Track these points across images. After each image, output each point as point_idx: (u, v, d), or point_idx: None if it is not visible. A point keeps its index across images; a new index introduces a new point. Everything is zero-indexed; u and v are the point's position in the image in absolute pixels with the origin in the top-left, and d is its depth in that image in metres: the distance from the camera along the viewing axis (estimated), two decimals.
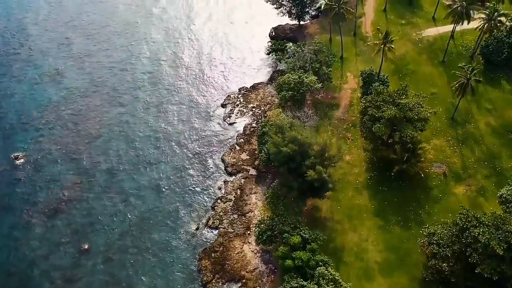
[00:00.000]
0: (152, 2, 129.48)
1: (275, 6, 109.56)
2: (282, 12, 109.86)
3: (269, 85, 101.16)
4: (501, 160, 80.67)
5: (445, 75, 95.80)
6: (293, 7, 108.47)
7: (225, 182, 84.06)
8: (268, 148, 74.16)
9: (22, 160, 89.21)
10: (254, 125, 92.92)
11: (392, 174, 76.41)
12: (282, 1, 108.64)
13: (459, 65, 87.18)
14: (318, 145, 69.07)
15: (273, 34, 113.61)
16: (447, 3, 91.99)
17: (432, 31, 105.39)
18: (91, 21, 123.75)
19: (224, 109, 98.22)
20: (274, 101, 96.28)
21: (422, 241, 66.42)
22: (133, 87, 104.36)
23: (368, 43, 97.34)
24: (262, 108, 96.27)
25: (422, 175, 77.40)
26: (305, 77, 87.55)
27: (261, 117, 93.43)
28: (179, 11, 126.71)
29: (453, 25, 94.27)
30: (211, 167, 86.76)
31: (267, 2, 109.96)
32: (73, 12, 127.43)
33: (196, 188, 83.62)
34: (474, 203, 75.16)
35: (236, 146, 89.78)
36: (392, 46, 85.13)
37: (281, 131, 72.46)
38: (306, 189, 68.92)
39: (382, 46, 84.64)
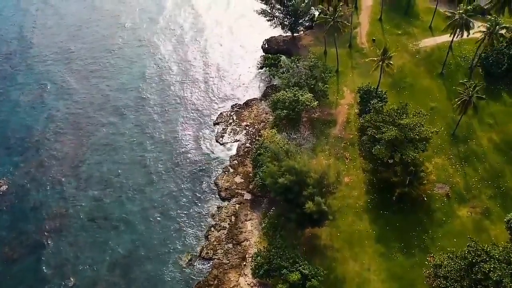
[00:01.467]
0: (151, 20, 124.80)
1: (267, 18, 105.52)
2: (275, 24, 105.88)
3: (262, 101, 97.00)
4: (505, 179, 77.48)
5: (444, 89, 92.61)
6: (286, 19, 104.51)
7: (219, 208, 79.77)
8: (263, 177, 70.31)
9: (4, 187, 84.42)
10: (248, 145, 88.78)
11: (394, 197, 73.20)
12: (275, 13, 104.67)
13: (461, 81, 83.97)
14: (316, 172, 65.27)
15: (266, 46, 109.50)
16: (447, 14, 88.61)
17: (429, 41, 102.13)
18: (90, 33, 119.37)
19: (216, 128, 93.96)
20: (269, 118, 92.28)
21: (427, 272, 63.10)
22: (119, 107, 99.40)
23: (366, 60, 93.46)
24: (256, 126, 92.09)
25: (425, 198, 74.17)
26: (301, 94, 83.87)
27: (255, 136, 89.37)
28: (169, 25, 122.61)
29: (451, 35, 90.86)
30: (204, 192, 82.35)
31: (259, 14, 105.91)
32: (73, 24, 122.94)
33: (188, 216, 79.19)
34: (479, 226, 72.03)
35: (230, 168, 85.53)
36: (391, 62, 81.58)
37: (276, 158, 68.60)
38: (304, 219, 65.19)
39: (380, 63, 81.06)
